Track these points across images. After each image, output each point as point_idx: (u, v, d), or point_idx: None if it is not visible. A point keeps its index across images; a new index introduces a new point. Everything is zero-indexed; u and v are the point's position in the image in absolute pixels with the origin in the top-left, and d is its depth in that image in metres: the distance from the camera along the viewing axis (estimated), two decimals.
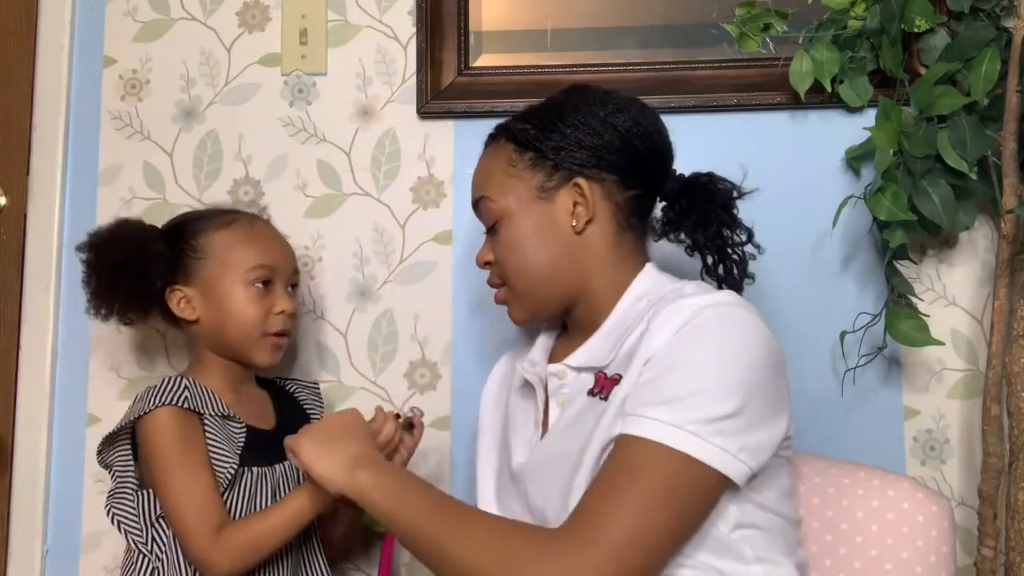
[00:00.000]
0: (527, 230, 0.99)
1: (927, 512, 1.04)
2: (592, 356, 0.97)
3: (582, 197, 0.98)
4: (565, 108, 1.01)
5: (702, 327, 0.87)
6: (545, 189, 0.99)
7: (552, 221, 0.99)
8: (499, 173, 1.01)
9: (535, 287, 1.00)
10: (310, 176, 1.39)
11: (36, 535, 1.35)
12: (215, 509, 1.03)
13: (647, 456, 0.82)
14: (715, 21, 1.34)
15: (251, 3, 1.42)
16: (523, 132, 1.01)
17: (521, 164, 1.00)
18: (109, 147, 1.42)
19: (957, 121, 1.19)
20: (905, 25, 1.23)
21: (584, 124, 0.99)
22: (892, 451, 1.27)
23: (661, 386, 0.85)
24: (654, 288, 0.98)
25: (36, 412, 1.36)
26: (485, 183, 1.03)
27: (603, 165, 0.99)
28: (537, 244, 0.99)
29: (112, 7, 1.44)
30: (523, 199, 0.99)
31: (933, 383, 1.28)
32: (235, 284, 1.13)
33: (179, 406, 1.05)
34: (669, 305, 0.90)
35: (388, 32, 1.40)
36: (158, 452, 1.04)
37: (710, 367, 0.85)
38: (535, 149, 1.00)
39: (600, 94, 1.02)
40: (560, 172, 0.99)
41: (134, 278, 1.13)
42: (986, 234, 1.29)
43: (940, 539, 1.03)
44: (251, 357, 1.14)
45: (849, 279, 1.30)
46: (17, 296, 1.38)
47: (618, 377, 0.92)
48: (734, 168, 1.09)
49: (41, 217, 1.39)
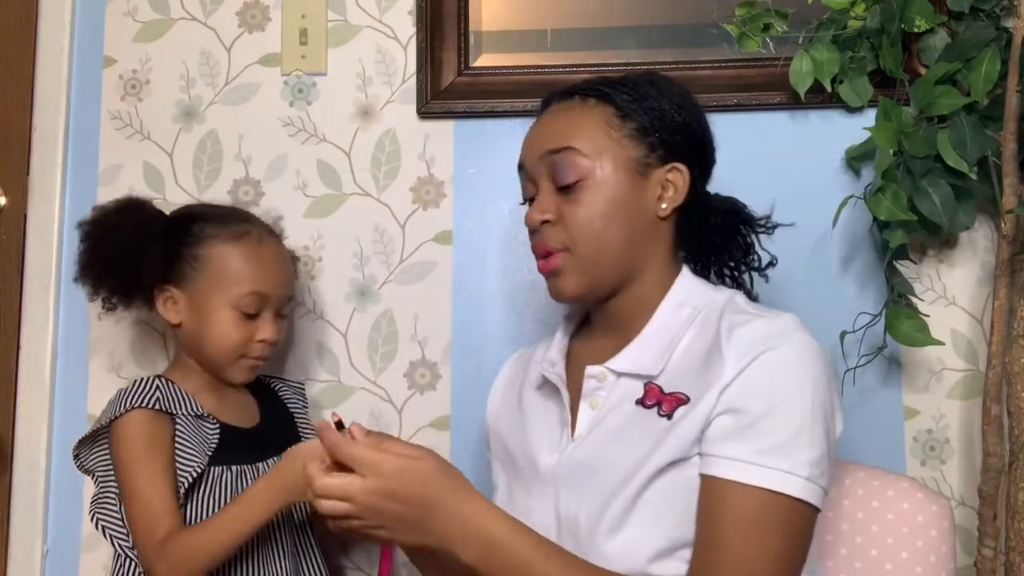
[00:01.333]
0: (615, 198, 0.94)
1: (927, 512, 1.04)
2: (638, 363, 0.93)
3: (681, 180, 0.96)
4: (661, 88, 0.98)
5: (785, 362, 0.86)
6: (644, 164, 0.95)
7: (640, 198, 0.95)
8: (595, 131, 0.95)
9: (605, 259, 0.94)
10: (310, 176, 1.39)
11: (36, 535, 1.35)
12: (166, 517, 1.01)
13: (770, 506, 0.82)
14: (715, 21, 1.34)
15: (251, 3, 1.42)
16: (625, 100, 0.96)
17: (623, 131, 0.95)
18: (109, 147, 1.42)
19: (957, 121, 1.19)
20: (905, 25, 1.23)
21: (681, 110, 0.97)
22: (892, 451, 1.27)
23: (767, 430, 0.84)
24: (695, 296, 0.96)
25: (36, 412, 1.36)
26: (574, 135, 0.95)
27: (691, 157, 0.97)
28: (620, 216, 0.94)
29: (112, 7, 1.44)
30: (618, 165, 0.94)
31: (933, 383, 1.28)
32: (223, 305, 1.10)
33: (150, 408, 1.05)
34: (737, 329, 0.88)
35: (388, 32, 1.40)
36: (122, 456, 1.04)
37: (805, 406, 0.84)
38: (638, 120, 0.95)
39: (671, 84, 1.00)
40: (659, 152, 0.95)
41: (123, 275, 1.11)
42: (986, 234, 1.29)
43: (940, 539, 1.03)
44: (224, 374, 1.13)
45: (849, 279, 1.30)
46: (17, 296, 1.38)
47: (684, 398, 0.88)
48: (734, 168, 1.09)
49: (41, 217, 1.39)
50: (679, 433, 0.87)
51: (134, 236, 1.10)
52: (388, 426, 1.34)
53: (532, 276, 1.33)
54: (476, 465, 1.24)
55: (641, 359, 0.93)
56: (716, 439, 0.85)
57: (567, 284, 0.96)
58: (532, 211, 0.97)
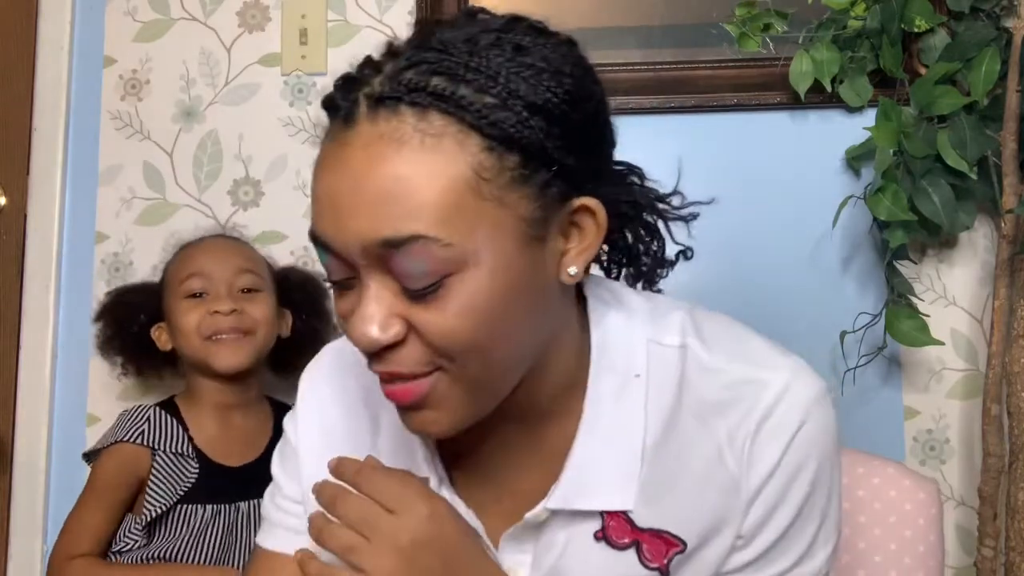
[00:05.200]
0: (506, 288, 0.56)
1: (915, 500, 1.02)
2: (596, 493, 0.63)
3: (592, 226, 0.59)
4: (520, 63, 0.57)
5: (807, 451, 0.63)
6: (542, 223, 0.57)
7: (538, 273, 0.58)
8: (455, 189, 0.54)
9: (501, 374, 0.60)
10: (310, 176, 1.39)
11: (36, 535, 1.35)
12: (89, 542, 1.07)
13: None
14: (715, 21, 1.33)
15: (251, 3, 1.42)
16: (489, 109, 0.54)
17: (503, 178, 0.54)
18: (109, 147, 1.42)
19: (957, 121, 1.19)
20: (905, 25, 1.23)
21: (566, 80, 0.59)
22: (892, 451, 1.27)
23: (781, 550, 0.64)
24: (623, 345, 0.65)
25: (36, 412, 1.36)
26: (422, 207, 0.53)
27: (587, 161, 0.59)
28: (518, 309, 0.57)
29: (112, 7, 1.44)
30: (506, 246, 0.55)
31: (933, 383, 1.28)
32: (175, 301, 1.15)
33: (132, 442, 1.10)
34: (743, 428, 0.62)
35: (388, 32, 1.40)
36: (90, 477, 1.12)
37: (825, 494, 0.65)
38: (521, 143, 0.55)
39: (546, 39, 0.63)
40: (556, 187, 0.57)
41: (118, 329, 1.21)
42: (986, 234, 1.29)
43: (928, 528, 1.00)
44: (208, 365, 1.14)
45: (849, 279, 1.30)
46: (17, 296, 1.38)
47: (677, 543, 0.63)
48: (734, 168, 1.09)
49: (41, 217, 1.39)
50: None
51: (123, 298, 1.24)
52: None
53: None
54: None
55: (597, 485, 0.63)
56: (729, 569, 0.65)
57: (440, 421, 0.59)
58: (361, 325, 0.56)
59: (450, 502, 0.63)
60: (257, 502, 1.09)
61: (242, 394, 1.18)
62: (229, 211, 1.39)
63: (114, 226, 1.40)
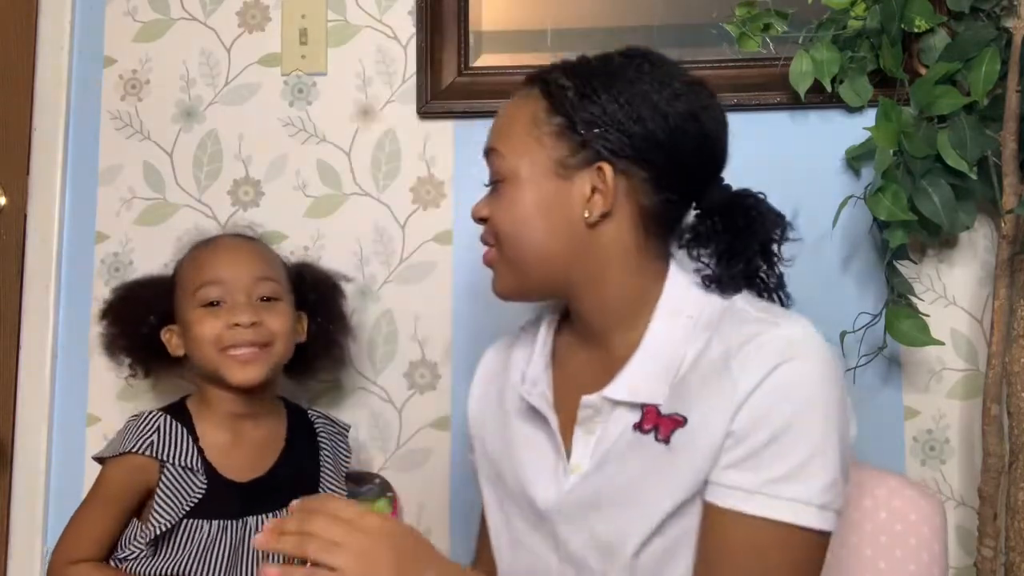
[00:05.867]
0: (533, 202, 0.86)
1: (919, 510, 1.03)
2: (639, 390, 0.84)
3: (603, 185, 0.84)
4: (615, 79, 0.86)
5: (799, 380, 0.78)
6: (565, 165, 0.85)
7: (563, 202, 0.85)
8: (519, 129, 0.87)
9: (526, 263, 0.87)
10: (310, 176, 1.39)
11: (36, 535, 1.35)
12: (90, 546, 1.06)
13: (780, 537, 0.77)
14: (715, 21, 1.34)
15: (251, 3, 1.42)
16: (560, 91, 0.86)
17: (547, 127, 0.86)
18: (109, 147, 1.42)
19: (957, 121, 1.19)
20: (905, 25, 1.23)
21: (630, 105, 0.84)
22: (892, 451, 1.27)
23: (775, 457, 0.77)
24: (690, 300, 0.87)
25: (36, 412, 1.36)
26: (501, 134, 0.90)
27: (637, 159, 0.85)
28: (539, 221, 0.86)
29: (112, 7, 1.44)
30: (537, 167, 0.86)
31: (933, 383, 1.28)
32: (190, 309, 1.10)
33: (142, 454, 1.06)
34: (747, 345, 0.80)
35: (388, 32, 1.40)
36: (96, 484, 1.09)
37: (819, 428, 0.78)
38: (566, 116, 0.85)
39: (662, 72, 0.86)
40: (585, 151, 0.85)
41: (125, 327, 1.18)
42: (986, 234, 1.29)
43: (933, 537, 1.02)
44: (223, 377, 1.09)
45: (849, 279, 1.30)
46: (17, 296, 1.38)
47: (681, 420, 0.81)
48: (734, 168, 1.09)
49: (41, 217, 1.39)
50: (683, 466, 0.80)
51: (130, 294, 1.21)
52: (388, 426, 1.34)
53: None
54: None
55: (641, 385, 0.85)
56: (722, 466, 0.79)
57: (497, 282, 0.92)
58: (475, 207, 0.93)
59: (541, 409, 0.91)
60: (265, 517, 1.08)
61: (256, 404, 1.13)
62: (229, 211, 1.39)
63: (114, 226, 1.40)
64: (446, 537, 1.31)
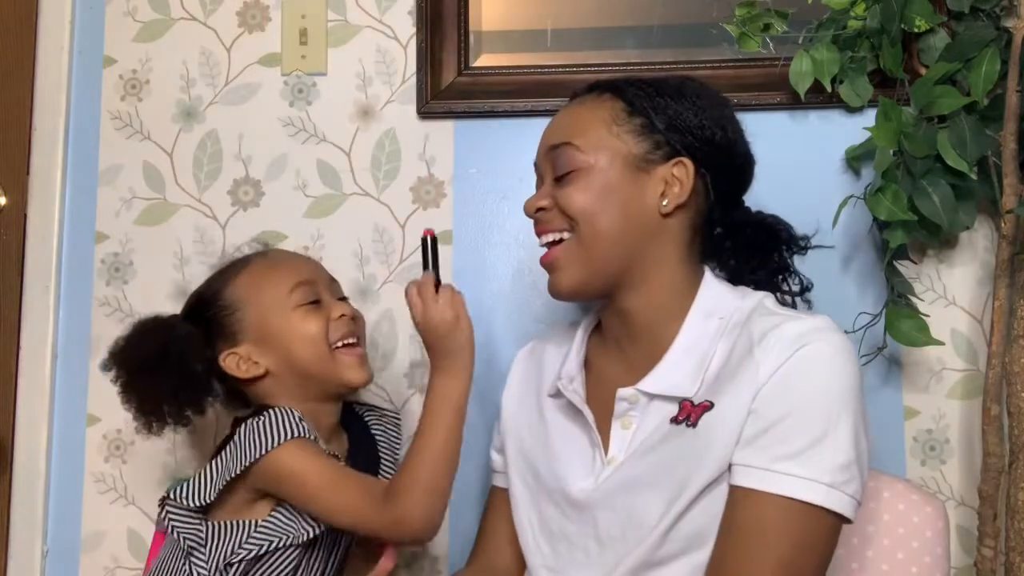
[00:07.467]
0: (613, 187, 0.93)
1: (922, 513, 1.04)
2: (673, 383, 0.91)
3: (684, 178, 0.93)
4: (684, 91, 0.97)
5: (814, 362, 0.84)
6: (646, 160, 0.94)
7: (641, 192, 0.93)
8: (597, 126, 0.95)
9: (600, 244, 0.93)
10: (310, 176, 1.39)
11: (36, 535, 1.35)
12: (373, 483, 1.00)
13: (784, 514, 0.80)
14: (715, 21, 1.34)
15: (251, 3, 1.42)
16: (638, 96, 0.96)
17: (627, 126, 0.95)
18: (109, 147, 1.42)
19: (957, 121, 1.19)
20: (905, 25, 1.23)
21: (701, 113, 0.96)
22: (892, 451, 1.27)
23: (786, 435, 0.82)
24: (723, 303, 0.94)
25: (36, 412, 1.36)
26: (575, 130, 0.96)
27: (706, 160, 0.95)
28: (618, 204, 0.93)
29: (112, 7, 1.44)
30: (616, 162, 0.93)
31: (933, 383, 1.28)
32: (284, 315, 1.05)
33: (306, 437, 0.99)
34: (770, 333, 0.86)
35: (388, 32, 1.40)
36: (308, 478, 0.97)
37: (831, 409, 0.82)
38: (646, 116, 0.95)
39: (718, 95, 1.01)
40: (665, 149, 0.94)
41: (172, 369, 1.04)
42: (986, 234, 1.29)
43: (935, 540, 1.03)
44: (339, 378, 1.05)
45: (849, 279, 1.30)
46: (17, 296, 1.38)
47: (708, 404, 0.87)
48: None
49: (41, 217, 1.39)
50: (710, 445, 0.85)
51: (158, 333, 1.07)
52: None
53: (533, 277, 1.33)
54: (478, 465, 1.24)
55: (675, 379, 0.91)
56: (741, 445, 0.83)
57: (564, 276, 0.95)
58: (529, 199, 0.99)
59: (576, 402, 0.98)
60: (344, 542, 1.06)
61: (329, 412, 1.10)
62: (229, 211, 1.39)
63: (114, 226, 1.40)
64: (446, 536, 1.31)
